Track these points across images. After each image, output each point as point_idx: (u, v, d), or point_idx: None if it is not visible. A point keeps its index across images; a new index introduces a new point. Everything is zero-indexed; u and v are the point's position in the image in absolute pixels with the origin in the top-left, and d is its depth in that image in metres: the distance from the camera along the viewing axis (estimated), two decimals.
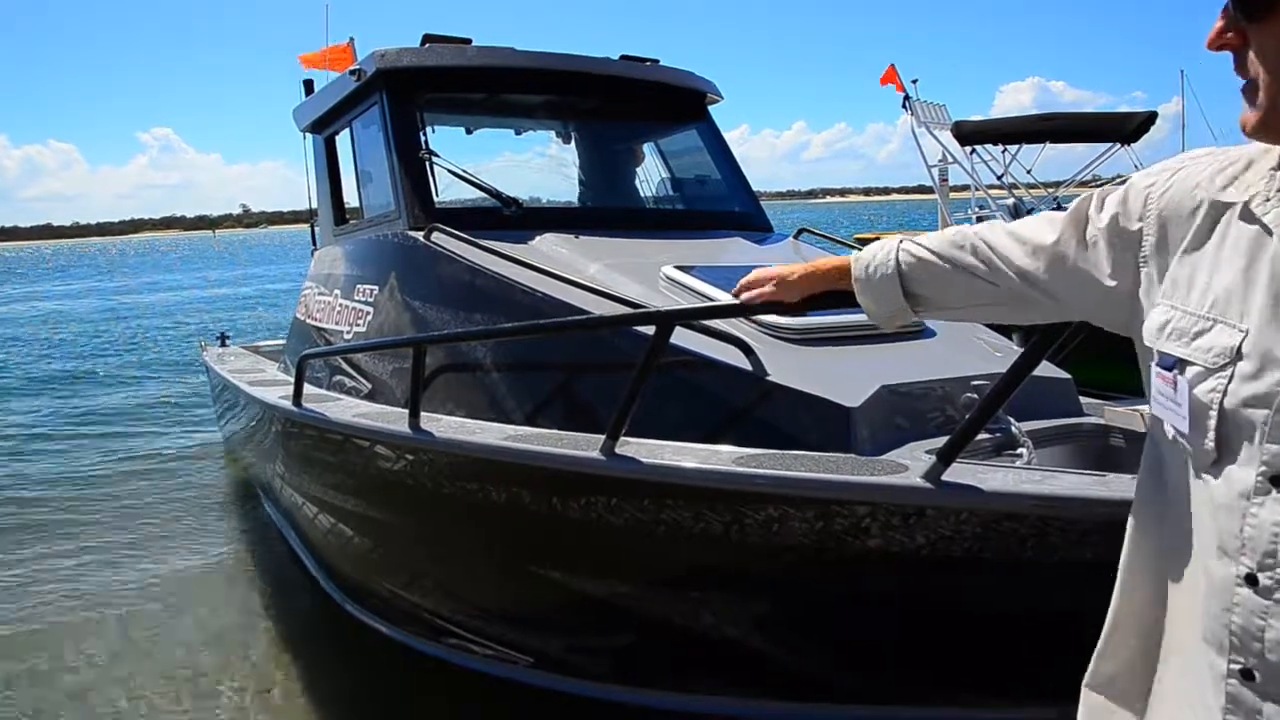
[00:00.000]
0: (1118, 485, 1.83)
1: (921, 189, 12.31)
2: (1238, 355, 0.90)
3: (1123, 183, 1.12)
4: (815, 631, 2.29)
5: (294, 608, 4.44)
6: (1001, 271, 1.24)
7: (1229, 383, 0.90)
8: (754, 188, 4.68)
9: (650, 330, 2.09)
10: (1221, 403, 0.91)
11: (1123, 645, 1.11)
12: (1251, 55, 0.88)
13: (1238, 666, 0.91)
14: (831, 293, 1.56)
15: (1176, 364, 0.96)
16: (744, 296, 1.71)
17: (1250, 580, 0.88)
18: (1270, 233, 0.89)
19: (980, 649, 2.10)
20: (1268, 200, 0.91)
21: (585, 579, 2.64)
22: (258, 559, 5.18)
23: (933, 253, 1.33)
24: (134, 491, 6.65)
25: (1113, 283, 1.09)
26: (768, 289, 1.64)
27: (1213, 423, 0.92)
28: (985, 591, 2.02)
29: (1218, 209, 0.96)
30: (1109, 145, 10.12)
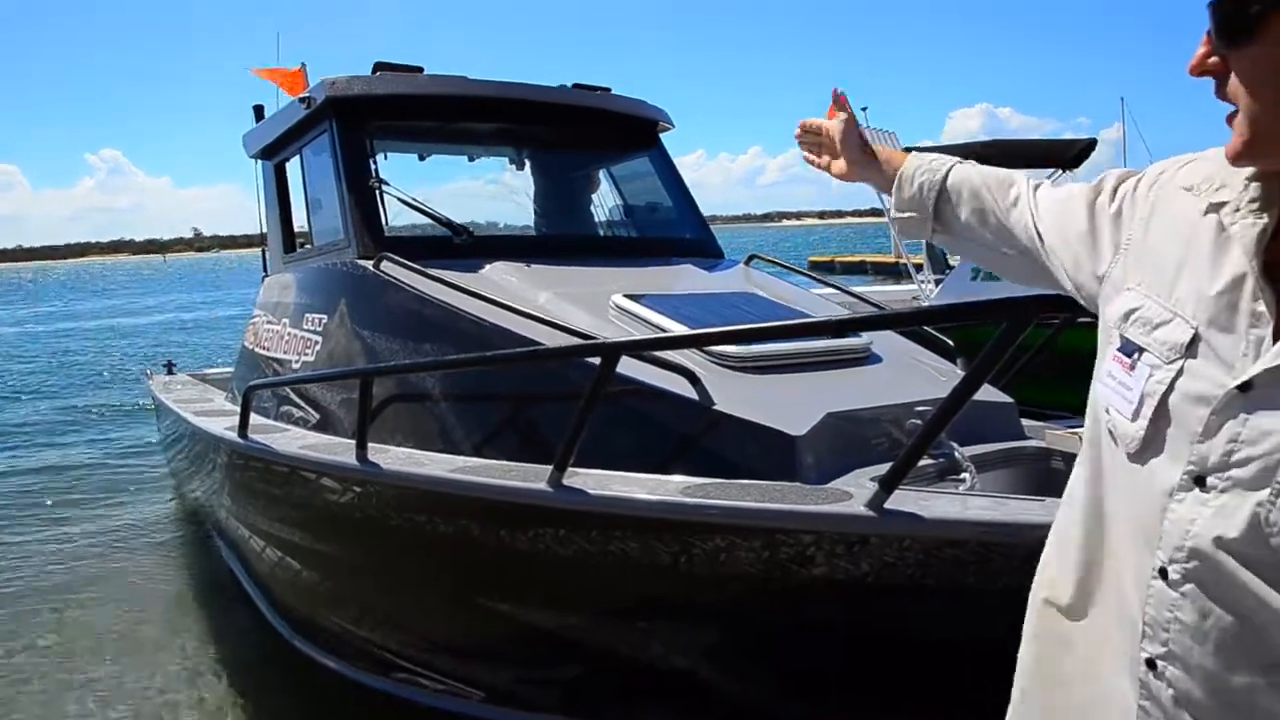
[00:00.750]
0: (1052, 508, 1.86)
1: (874, 212, 12.52)
2: (1188, 352, 0.93)
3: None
4: (762, 660, 2.29)
5: (240, 643, 4.34)
6: (1025, 223, 1.26)
7: (1175, 377, 0.93)
8: (710, 211, 4.72)
9: (599, 361, 2.10)
10: (1164, 395, 0.94)
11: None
12: (1233, 81, 0.89)
13: (1145, 655, 0.95)
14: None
15: (1136, 350, 0.99)
16: (807, 156, 1.62)
17: (1162, 573, 0.92)
18: (1234, 241, 0.93)
19: (925, 675, 2.12)
20: (1237, 210, 0.94)
21: (534, 611, 2.63)
22: (203, 593, 5.07)
23: (981, 181, 1.35)
24: (70, 519, 6.48)
25: (1102, 264, 1.12)
26: (824, 156, 1.58)
27: (1149, 412, 0.95)
28: (930, 618, 2.04)
29: (1202, 209, 0.99)
30: (1052, 171, 10.37)
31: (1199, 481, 0.89)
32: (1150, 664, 0.95)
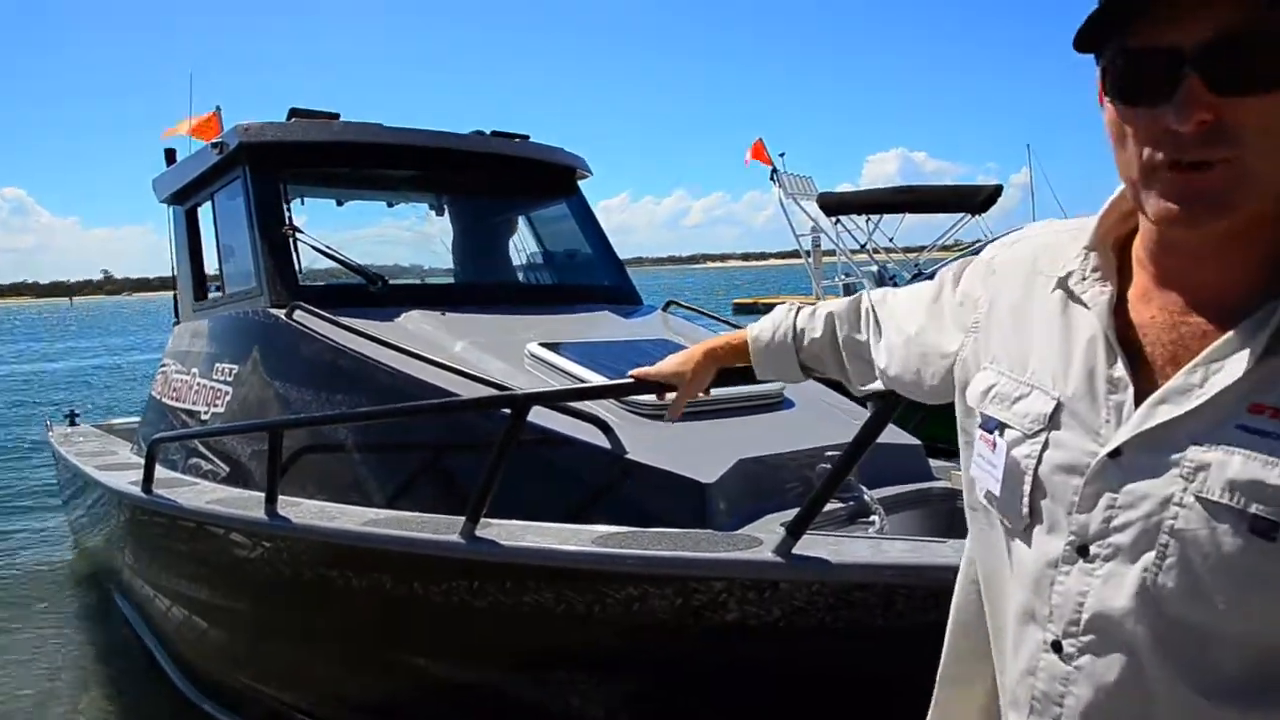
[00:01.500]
0: (958, 548, 1.92)
1: (796, 253, 12.83)
2: (1051, 422, 0.93)
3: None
4: (679, 706, 2.30)
5: (146, 707, 4.15)
6: (872, 351, 1.30)
7: (1043, 449, 0.93)
8: (635, 253, 4.80)
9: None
10: (1036, 469, 0.93)
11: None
12: (1234, 129, 0.82)
13: None
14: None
15: (998, 426, 0.99)
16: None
17: (1055, 647, 0.91)
18: (1087, 308, 0.94)
19: (845, 714, 2.15)
20: (1084, 279, 0.95)
21: (450, 664, 2.59)
22: (106, 656, 4.83)
23: (826, 329, 1.39)
24: None
25: (952, 348, 1.13)
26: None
27: (1027, 488, 0.94)
28: (845, 657, 2.07)
29: (1042, 282, 1.00)
30: (962, 215, 10.77)
31: (1082, 551, 0.89)
32: None
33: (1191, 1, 0.77)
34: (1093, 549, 0.88)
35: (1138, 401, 0.87)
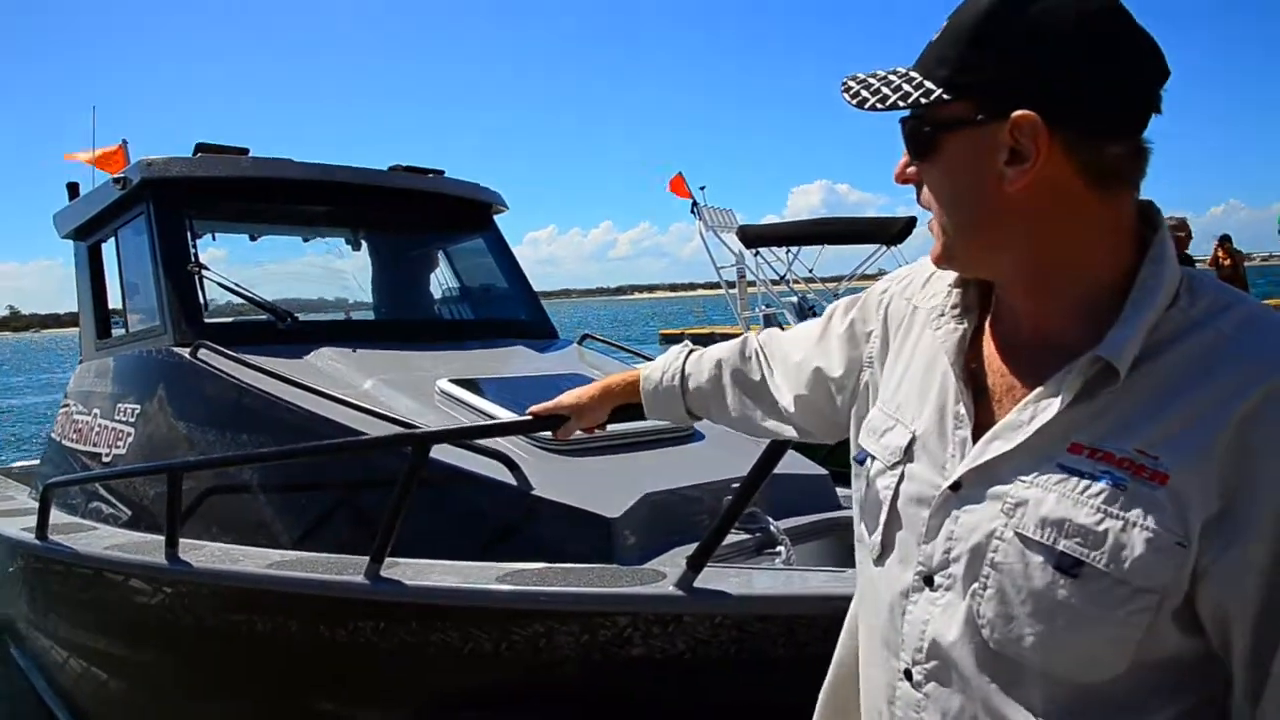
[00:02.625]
0: (853, 579, 1.97)
1: (718, 285, 12.98)
2: (907, 455, 0.96)
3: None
4: None
5: None
6: (768, 389, 1.31)
7: (899, 481, 0.96)
8: (562, 285, 4.81)
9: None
10: (893, 500, 0.97)
11: None
12: (925, 191, 0.93)
13: None
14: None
15: (868, 457, 1.02)
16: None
17: (907, 675, 0.94)
18: (939, 346, 0.97)
19: None
20: (942, 315, 0.98)
21: (359, 708, 2.54)
22: (1, 713, 4.60)
23: (712, 372, 1.40)
24: None
25: (837, 373, 1.15)
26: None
27: (883, 518, 0.98)
28: (753, 688, 2.10)
29: (916, 317, 1.04)
30: (877, 246, 11.06)
31: (928, 581, 0.92)
32: None
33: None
34: (936, 579, 0.91)
35: (977, 436, 0.91)
